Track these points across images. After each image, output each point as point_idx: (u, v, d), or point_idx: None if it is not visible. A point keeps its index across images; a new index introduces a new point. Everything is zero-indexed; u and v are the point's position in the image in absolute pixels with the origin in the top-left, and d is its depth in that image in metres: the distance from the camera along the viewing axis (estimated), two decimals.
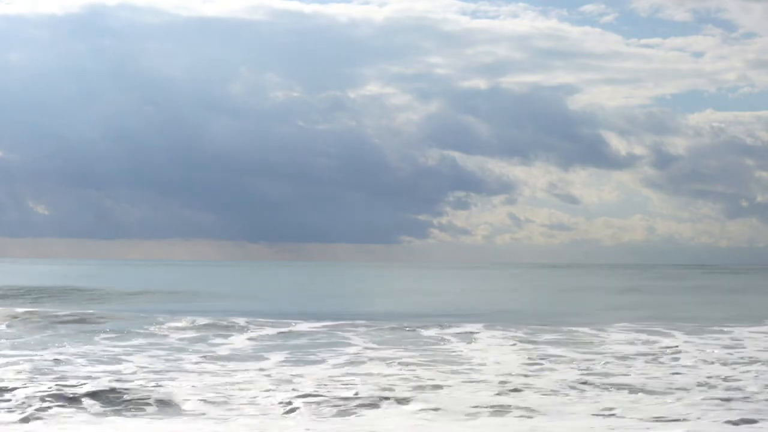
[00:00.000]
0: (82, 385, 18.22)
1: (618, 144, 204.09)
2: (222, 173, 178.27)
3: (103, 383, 18.43)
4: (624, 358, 24.37)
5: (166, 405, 16.68)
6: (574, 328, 32.68)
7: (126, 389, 17.79)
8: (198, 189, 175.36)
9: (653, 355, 25.04)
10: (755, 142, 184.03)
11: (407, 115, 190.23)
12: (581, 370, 21.80)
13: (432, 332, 31.69)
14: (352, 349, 26.32)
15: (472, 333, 31.38)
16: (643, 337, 30.23)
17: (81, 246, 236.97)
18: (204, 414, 16.00)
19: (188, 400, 16.98)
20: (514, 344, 27.86)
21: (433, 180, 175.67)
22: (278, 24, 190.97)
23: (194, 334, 30.52)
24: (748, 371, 21.73)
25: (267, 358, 24.05)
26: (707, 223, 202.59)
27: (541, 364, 22.93)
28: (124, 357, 23.87)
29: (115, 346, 26.53)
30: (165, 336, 29.95)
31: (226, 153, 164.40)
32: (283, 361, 23.38)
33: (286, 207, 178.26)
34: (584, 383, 19.46)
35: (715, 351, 25.99)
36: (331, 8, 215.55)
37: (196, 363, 22.79)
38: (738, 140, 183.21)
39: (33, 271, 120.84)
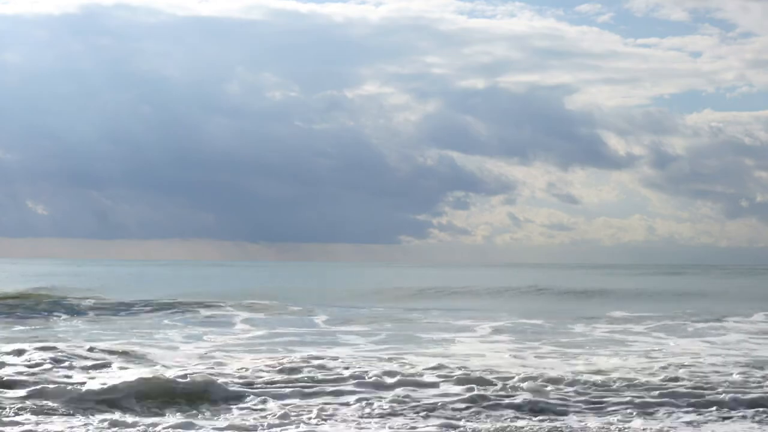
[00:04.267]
0: None
1: (617, 144, 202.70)
2: (220, 173, 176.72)
3: None
4: None
5: None
6: None
7: None
8: (196, 189, 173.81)
9: None
10: (754, 142, 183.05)
11: (405, 115, 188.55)
12: None
13: None
14: None
15: None
16: None
17: (80, 246, 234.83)
18: None
19: None
20: None
21: (432, 180, 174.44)
22: (274, 24, 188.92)
23: None
24: None
25: None
26: (707, 223, 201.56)
27: None
28: None
29: None
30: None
31: (224, 153, 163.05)
32: None
33: (284, 207, 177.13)
34: None
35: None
36: (328, 8, 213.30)
37: None
38: (737, 140, 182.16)
39: (55, 274, 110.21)
